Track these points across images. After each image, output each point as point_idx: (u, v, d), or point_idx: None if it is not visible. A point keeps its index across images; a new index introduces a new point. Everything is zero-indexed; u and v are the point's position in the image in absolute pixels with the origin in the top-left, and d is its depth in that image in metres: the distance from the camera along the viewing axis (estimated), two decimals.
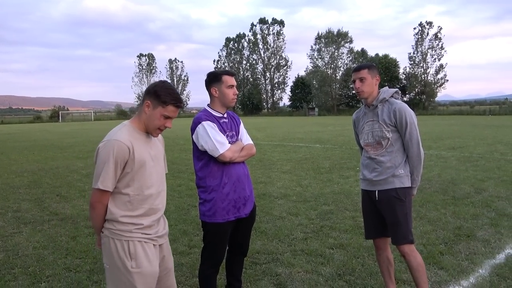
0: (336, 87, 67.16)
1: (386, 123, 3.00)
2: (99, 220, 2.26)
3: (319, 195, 7.14)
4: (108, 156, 2.15)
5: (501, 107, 53.08)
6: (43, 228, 5.54)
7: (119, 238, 2.24)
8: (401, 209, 3.00)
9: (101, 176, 2.15)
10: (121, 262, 2.22)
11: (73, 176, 9.80)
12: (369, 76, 3.04)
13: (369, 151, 3.12)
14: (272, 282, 3.74)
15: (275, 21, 76.15)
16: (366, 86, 3.05)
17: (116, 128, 2.28)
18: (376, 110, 3.07)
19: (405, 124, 2.95)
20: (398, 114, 2.96)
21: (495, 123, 28.06)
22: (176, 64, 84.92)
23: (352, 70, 3.17)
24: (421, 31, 60.83)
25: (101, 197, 2.20)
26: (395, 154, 3.01)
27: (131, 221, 2.24)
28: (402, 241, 3.01)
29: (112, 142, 2.17)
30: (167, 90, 2.23)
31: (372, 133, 3.08)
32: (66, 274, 4.01)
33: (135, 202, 2.25)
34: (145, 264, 2.25)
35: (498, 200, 6.44)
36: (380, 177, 3.04)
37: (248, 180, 3.08)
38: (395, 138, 3.00)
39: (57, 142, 20.59)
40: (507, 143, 14.72)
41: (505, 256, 4.20)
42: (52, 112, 73.31)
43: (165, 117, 2.25)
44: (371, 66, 3.12)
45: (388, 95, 3.05)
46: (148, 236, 2.30)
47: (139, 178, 2.24)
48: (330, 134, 21.32)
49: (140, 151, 2.24)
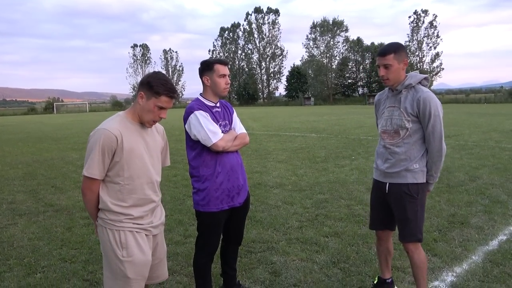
0: (332, 76, 67.11)
1: (407, 111, 2.76)
2: (92, 206, 2.29)
3: (314, 184, 7.16)
4: (95, 144, 2.17)
5: (496, 95, 53.24)
6: (38, 220, 5.53)
7: (110, 227, 2.27)
8: (412, 207, 2.83)
9: (87, 163, 2.19)
10: (112, 251, 2.26)
11: (68, 167, 9.77)
12: (395, 62, 2.74)
13: (385, 139, 2.91)
14: (267, 270, 3.76)
15: (270, 10, 75.70)
16: (392, 73, 2.77)
17: (109, 118, 2.30)
18: (399, 96, 2.82)
19: (429, 116, 2.70)
20: (422, 104, 2.70)
21: (490, 111, 28.17)
22: (171, 54, 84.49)
23: (377, 53, 2.85)
24: (417, 19, 60.81)
25: (90, 184, 2.23)
26: (412, 146, 2.80)
27: (121, 211, 2.26)
28: (409, 238, 2.87)
29: (101, 131, 2.19)
30: (160, 81, 2.23)
31: (391, 120, 2.85)
32: (62, 265, 4.01)
33: (125, 191, 2.26)
34: (136, 253, 2.27)
35: (492, 188, 6.48)
36: (392, 169, 2.86)
37: (241, 169, 3.08)
38: (414, 129, 2.77)
39: (52, 133, 20.48)
40: (501, 131, 14.79)
41: (498, 243, 4.24)
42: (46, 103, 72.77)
43: (159, 107, 2.25)
44: (397, 48, 2.76)
45: (415, 81, 2.77)
46: (140, 226, 2.31)
47: (129, 167, 2.25)
48: (325, 123, 21.33)
49: (130, 140, 2.24)
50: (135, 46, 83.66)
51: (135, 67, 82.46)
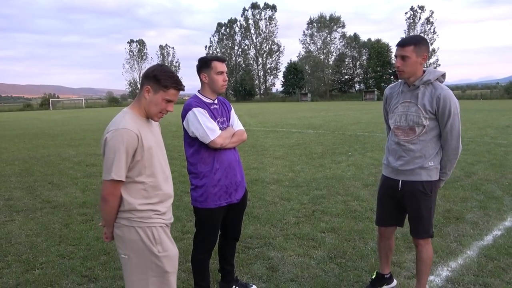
0: (329, 72, 67.12)
1: (425, 109, 2.69)
2: (113, 213, 2.19)
3: (311, 180, 7.19)
4: (119, 146, 2.08)
5: (492, 91, 53.47)
6: (36, 216, 5.53)
7: (140, 225, 2.19)
8: (426, 204, 2.81)
9: (114, 166, 2.08)
10: (147, 249, 2.19)
11: (65, 164, 9.76)
12: (413, 55, 2.67)
13: (399, 136, 2.83)
14: (265, 266, 3.79)
15: (267, 6, 75.52)
16: (408, 66, 2.69)
17: (118, 117, 2.20)
18: (417, 92, 2.73)
19: (448, 114, 2.65)
20: (442, 101, 2.64)
21: (486, 107, 28.28)
22: (167, 50, 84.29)
23: (397, 43, 2.77)
24: (413, 16, 60.83)
25: (114, 189, 2.12)
26: (428, 144, 2.75)
27: (149, 208, 2.21)
28: (423, 235, 2.89)
29: (121, 131, 2.10)
30: (166, 74, 2.19)
31: (406, 116, 2.78)
32: (60, 261, 4.02)
33: (150, 189, 2.21)
34: (170, 247, 2.28)
35: (487, 183, 6.54)
36: (407, 166, 2.81)
37: (239, 165, 3.09)
38: (431, 127, 2.72)
39: (48, 130, 20.42)
40: (497, 127, 14.87)
41: (492, 238, 4.29)
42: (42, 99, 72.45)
43: (166, 101, 2.22)
44: (419, 41, 2.70)
45: (434, 77, 2.71)
46: (165, 221, 2.30)
47: (150, 165, 2.20)
48: (322, 119, 21.36)
49: (147, 137, 2.20)
50: (131, 42, 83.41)
51: (131, 63, 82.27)
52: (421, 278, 3.01)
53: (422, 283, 3.02)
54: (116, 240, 2.25)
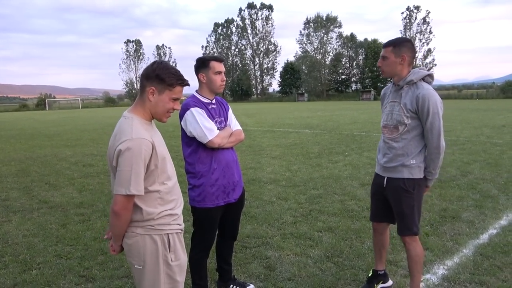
0: (326, 72, 67.21)
1: (407, 107, 2.80)
2: (126, 227, 2.08)
3: (308, 179, 7.21)
4: (136, 158, 1.96)
5: (488, 91, 53.69)
6: (33, 216, 5.52)
7: (158, 232, 2.11)
8: (408, 201, 2.88)
9: (132, 180, 1.95)
10: (162, 257, 2.11)
11: (61, 164, 9.73)
12: (392, 55, 2.82)
13: (385, 133, 2.97)
14: (262, 265, 3.80)
15: (264, 6, 75.51)
16: (387, 66, 2.86)
17: (126, 125, 2.06)
18: (401, 92, 2.86)
19: (427, 113, 2.74)
20: (421, 100, 2.73)
21: (482, 107, 28.41)
22: (164, 50, 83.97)
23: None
24: (409, 16, 60.99)
25: (128, 203, 2.00)
26: (410, 142, 2.84)
27: (168, 213, 2.14)
28: (406, 232, 2.95)
29: (137, 142, 1.97)
30: (169, 71, 2.08)
31: (391, 115, 2.90)
32: (57, 261, 4.02)
33: (165, 196, 2.14)
34: (182, 255, 2.22)
35: (483, 182, 6.57)
36: (390, 164, 2.92)
37: (236, 165, 3.11)
38: (413, 125, 2.81)
39: (45, 130, 20.35)
40: (493, 126, 14.94)
41: (488, 236, 4.32)
42: (38, 100, 72.15)
43: (173, 99, 2.12)
44: (398, 43, 2.84)
45: (417, 77, 2.81)
46: (180, 226, 2.24)
47: (163, 171, 2.13)
48: (319, 119, 21.40)
49: (159, 145, 2.11)
50: (128, 42, 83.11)
51: (128, 63, 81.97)
52: (413, 276, 3.04)
53: (415, 281, 3.05)
54: (128, 251, 2.13)
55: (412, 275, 3.05)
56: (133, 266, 2.15)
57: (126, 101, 75.13)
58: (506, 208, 5.23)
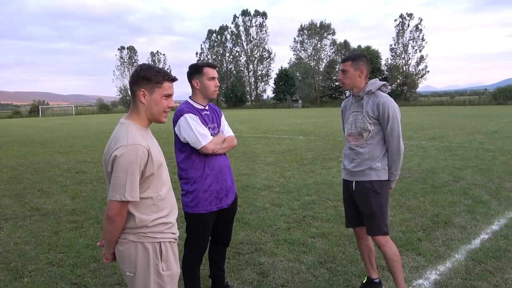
0: (319, 79, 67.54)
1: (369, 115, 3.02)
2: (119, 233, 2.08)
3: (302, 186, 7.23)
4: (131, 164, 1.96)
5: (480, 97, 54.28)
6: (25, 224, 5.48)
7: (151, 240, 2.10)
8: (376, 202, 3.05)
9: (128, 186, 1.96)
10: (153, 266, 2.10)
11: (54, 171, 9.68)
12: (351, 69, 3.06)
13: (351, 141, 3.16)
14: (255, 271, 3.80)
15: (258, 13, 75.91)
16: (348, 79, 3.09)
17: (122, 130, 2.07)
18: (362, 102, 3.09)
19: (387, 118, 2.97)
20: (381, 107, 2.97)
21: (474, 113, 28.66)
22: (158, 57, 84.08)
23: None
24: (402, 23, 61.57)
25: (122, 209, 2.00)
26: (375, 147, 3.05)
27: (161, 221, 2.13)
28: (376, 232, 3.08)
29: (132, 148, 1.98)
30: (154, 70, 2.11)
31: (355, 124, 3.11)
32: (49, 269, 3.99)
33: (159, 203, 2.13)
34: (174, 265, 2.19)
35: (475, 188, 6.62)
36: (358, 168, 3.10)
37: (229, 171, 3.12)
38: (376, 131, 3.03)
39: (38, 137, 20.22)
40: (485, 132, 15.08)
41: (480, 242, 4.35)
42: (31, 106, 71.78)
43: (166, 96, 2.12)
44: (356, 58, 3.11)
45: (374, 87, 3.06)
46: (174, 235, 2.22)
47: (159, 177, 2.13)
48: (313, 125, 21.48)
49: (154, 150, 2.11)
50: (122, 49, 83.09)
51: (122, 70, 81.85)
52: (396, 276, 3.11)
53: (399, 281, 3.10)
54: (120, 258, 2.13)
55: (395, 276, 3.11)
56: (124, 273, 2.15)
57: (120, 108, 74.86)
58: (498, 213, 5.27)
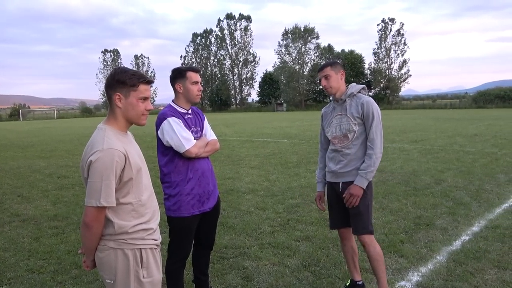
0: (304, 82, 67.85)
1: (354, 116, 3.11)
2: (97, 239, 2.04)
3: (286, 189, 7.25)
4: (106, 169, 1.93)
5: (461, 101, 55.30)
6: (4, 230, 5.36)
7: (131, 247, 2.06)
8: (363, 201, 3.11)
9: (103, 192, 1.93)
10: (133, 273, 2.06)
11: (35, 176, 9.50)
12: (332, 73, 3.16)
13: (336, 144, 3.21)
14: (239, 276, 3.79)
15: (242, 17, 75.95)
16: (332, 82, 3.17)
17: (99, 136, 2.03)
18: (345, 105, 3.17)
19: (372, 116, 3.06)
20: (365, 106, 3.07)
21: (455, 116, 29.19)
22: (142, 60, 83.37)
23: (317, 70, 3.29)
24: (385, 27, 62.27)
25: (99, 215, 1.97)
26: (360, 147, 3.12)
27: (142, 228, 2.10)
28: (363, 231, 3.13)
29: (108, 152, 1.95)
30: (128, 73, 2.06)
31: (340, 126, 3.19)
32: (29, 276, 3.91)
33: (139, 208, 2.10)
34: (155, 272, 2.14)
35: (456, 190, 6.74)
36: (345, 169, 3.15)
37: (212, 174, 3.12)
38: (360, 131, 3.11)
39: (18, 141, 19.84)
40: (466, 135, 15.37)
41: (461, 243, 4.42)
42: (12, 110, 70.37)
43: (142, 99, 2.08)
44: (333, 63, 3.24)
45: (356, 90, 3.17)
46: (156, 242, 2.18)
47: (138, 182, 2.09)
48: (298, 129, 21.57)
49: (133, 155, 2.06)
50: (105, 52, 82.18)
51: (105, 73, 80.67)
52: (379, 277, 3.15)
53: (382, 282, 3.14)
54: (100, 265, 2.09)
55: (378, 276, 3.15)
56: (104, 280, 2.11)
57: (103, 111, 73.91)
58: (478, 215, 5.37)
